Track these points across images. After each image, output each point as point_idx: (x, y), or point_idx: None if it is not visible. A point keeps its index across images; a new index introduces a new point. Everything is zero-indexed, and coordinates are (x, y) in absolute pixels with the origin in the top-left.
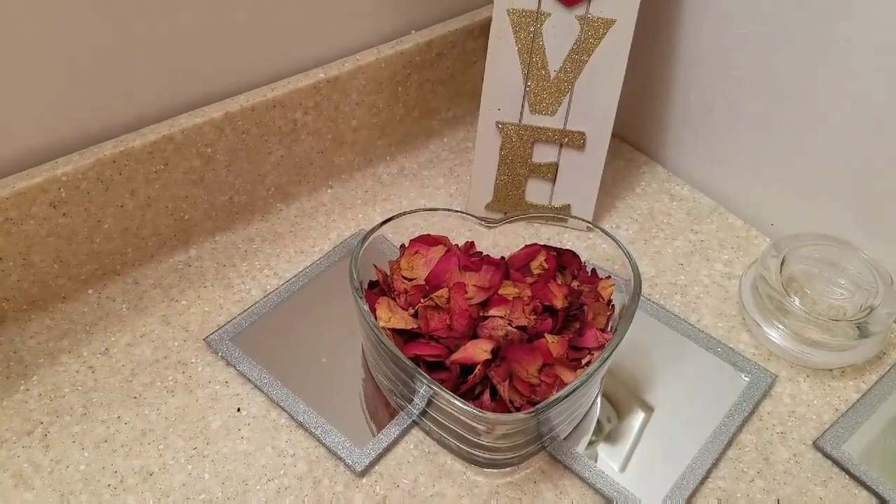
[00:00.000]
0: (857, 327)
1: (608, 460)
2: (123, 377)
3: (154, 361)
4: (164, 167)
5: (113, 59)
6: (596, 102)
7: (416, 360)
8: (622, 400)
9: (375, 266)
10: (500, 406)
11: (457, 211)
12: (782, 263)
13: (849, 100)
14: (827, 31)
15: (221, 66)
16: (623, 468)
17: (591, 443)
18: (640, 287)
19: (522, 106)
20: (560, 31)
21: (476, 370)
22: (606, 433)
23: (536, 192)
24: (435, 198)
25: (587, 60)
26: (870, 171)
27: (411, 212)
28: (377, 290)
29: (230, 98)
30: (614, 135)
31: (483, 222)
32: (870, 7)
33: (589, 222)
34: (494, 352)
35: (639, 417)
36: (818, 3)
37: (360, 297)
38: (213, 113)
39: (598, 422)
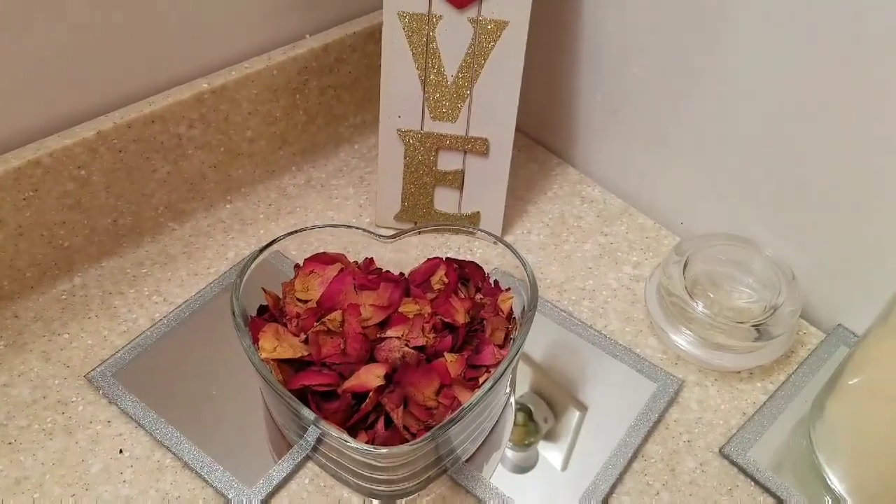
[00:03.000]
0: (757, 330)
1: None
2: None
3: (32, 402)
4: (33, 193)
5: None
6: (496, 107)
7: (305, 390)
8: (538, 408)
9: (264, 289)
10: (395, 434)
11: (352, 226)
12: (685, 267)
13: (750, 94)
14: (723, 24)
15: (92, 79)
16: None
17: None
18: (536, 300)
19: (423, 112)
20: (453, 35)
21: (368, 398)
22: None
23: (445, 200)
24: (343, 209)
25: (483, 64)
26: (774, 167)
27: (296, 232)
28: (267, 315)
29: (103, 115)
30: (528, 137)
31: (381, 238)
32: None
33: (488, 232)
34: (389, 376)
35: (545, 430)
36: None
37: (242, 330)
38: (84, 132)
39: (535, 422)
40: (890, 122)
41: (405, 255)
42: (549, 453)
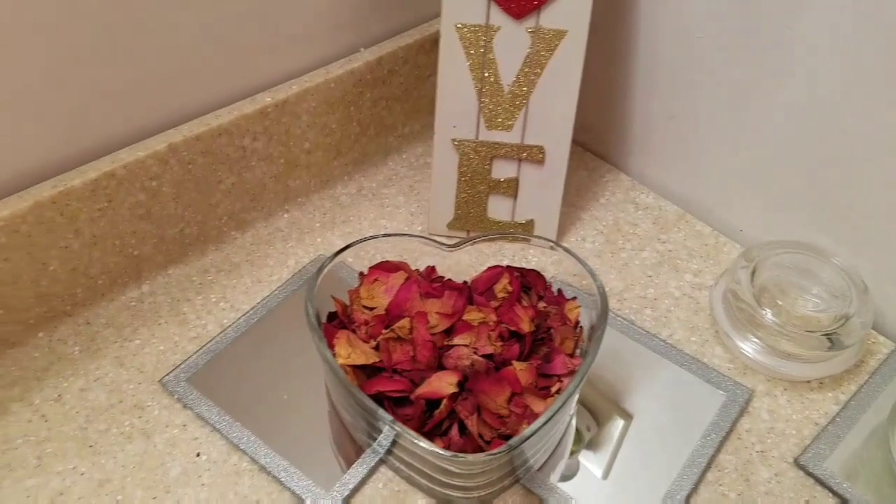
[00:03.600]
0: (830, 340)
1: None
2: (78, 424)
3: (109, 406)
4: (107, 204)
5: (47, 95)
6: (552, 115)
7: (380, 396)
8: (601, 421)
9: (333, 297)
10: (469, 441)
11: (416, 235)
12: (753, 274)
13: (812, 102)
14: (786, 32)
15: (163, 95)
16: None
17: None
18: (607, 312)
19: (478, 122)
20: (511, 45)
21: (442, 405)
22: (587, 444)
23: (498, 208)
24: (395, 217)
25: (541, 73)
26: (837, 176)
27: (364, 240)
28: (336, 322)
29: (173, 129)
30: (576, 144)
31: (444, 246)
32: (826, 5)
33: (552, 241)
34: (461, 384)
35: (614, 440)
36: (772, 5)
37: (319, 336)
38: (156, 145)
39: (578, 431)
40: None
41: (460, 262)
42: (621, 462)
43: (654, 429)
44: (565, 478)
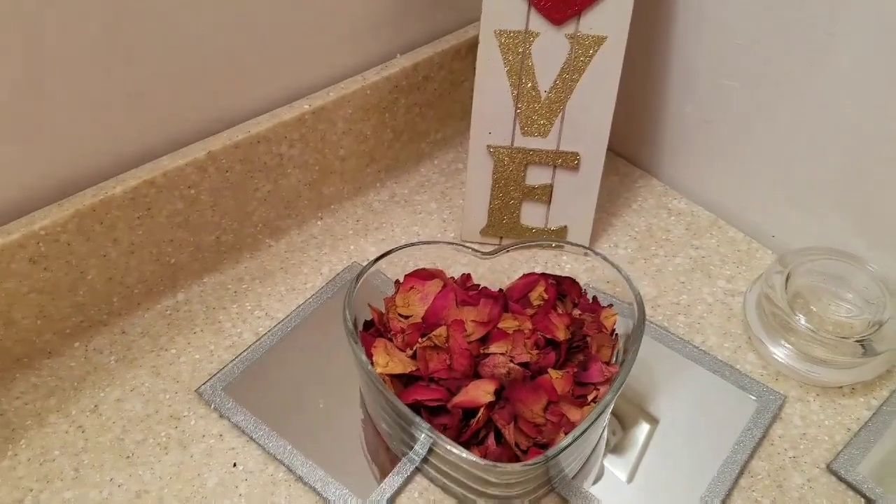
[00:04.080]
0: (862, 346)
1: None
2: (115, 435)
3: (145, 416)
4: (146, 212)
5: (88, 104)
6: (589, 122)
7: (417, 405)
8: (630, 426)
9: (370, 305)
10: (506, 450)
11: (451, 243)
12: (787, 279)
13: (847, 108)
14: (824, 36)
15: (202, 103)
16: None
17: None
18: (644, 321)
19: (514, 128)
20: (549, 51)
21: (479, 414)
22: (612, 448)
23: (532, 214)
24: (428, 224)
25: (578, 80)
26: (871, 181)
27: (402, 247)
28: (373, 330)
29: (212, 136)
30: (609, 148)
31: (479, 254)
32: (867, 8)
33: (587, 248)
34: (497, 392)
35: (647, 445)
36: (813, 7)
37: (357, 344)
38: (195, 153)
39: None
40: None
41: (494, 269)
42: (654, 469)
43: (686, 434)
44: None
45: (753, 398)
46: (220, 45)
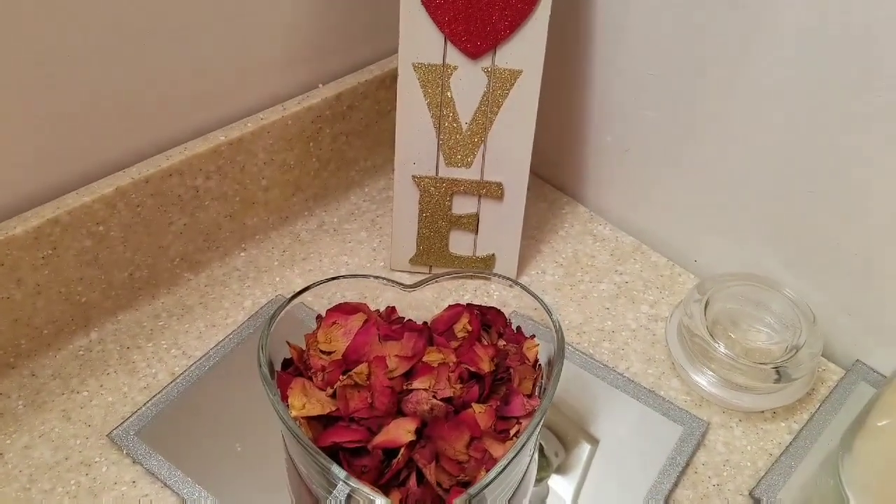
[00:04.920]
0: (777, 372)
1: None
2: (21, 485)
3: (54, 464)
4: (52, 251)
5: None
6: (510, 152)
7: (335, 448)
8: (568, 443)
9: (289, 343)
10: (428, 490)
11: (374, 276)
12: (706, 307)
13: (766, 135)
14: (737, 67)
15: (110, 136)
16: None
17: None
18: (564, 353)
19: (437, 159)
20: (468, 84)
21: (400, 454)
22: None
23: (460, 243)
24: (357, 253)
25: (497, 112)
26: (790, 207)
27: (321, 283)
28: (292, 369)
29: (121, 171)
30: (536, 175)
31: (403, 287)
32: (775, 41)
33: (511, 280)
34: (419, 430)
35: (573, 480)
36: (725, 37)
37: (272, 390)
38: (102, 189)
39: (546, 457)
40: None
41: (421, 299)
42: (594, 487)
43: (616, 462)
44: None
45: (678, 425)
46: (129, 78)
